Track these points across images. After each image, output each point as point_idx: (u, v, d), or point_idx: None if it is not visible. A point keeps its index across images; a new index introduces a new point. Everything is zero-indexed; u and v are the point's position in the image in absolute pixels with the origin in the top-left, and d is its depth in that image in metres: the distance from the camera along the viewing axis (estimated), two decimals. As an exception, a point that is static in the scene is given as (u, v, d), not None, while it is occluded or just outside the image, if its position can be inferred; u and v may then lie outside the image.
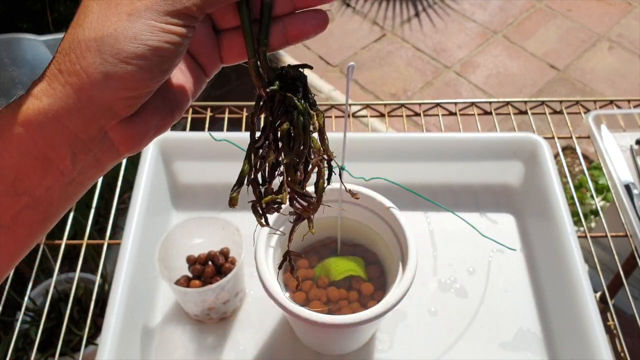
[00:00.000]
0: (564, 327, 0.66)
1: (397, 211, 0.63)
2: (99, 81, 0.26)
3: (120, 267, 0.65)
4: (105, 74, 0.26)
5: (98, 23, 0.27)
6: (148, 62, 0.26)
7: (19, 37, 0.77)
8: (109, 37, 0.26)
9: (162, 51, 0.27)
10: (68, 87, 0.26)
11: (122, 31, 0.26)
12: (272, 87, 0.32)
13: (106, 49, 0.26)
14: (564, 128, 0.90)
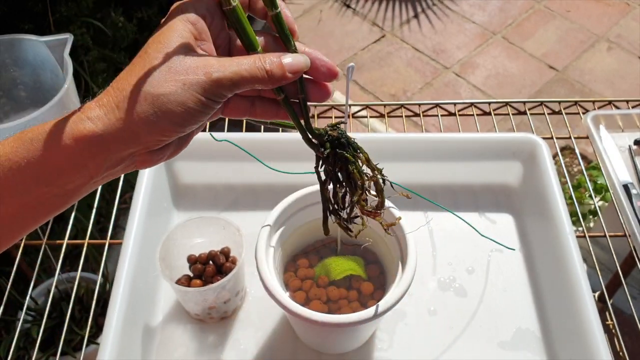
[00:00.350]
0: (563, 326, 0.66)
1: (397, 211, 0.63)
2: (146, 126, 0.34)
3: (121, 267, 0.65)
4: (153, 123, 0.34)
5: (158, 82, 0.34)
6: (185, 121, 0.35)
7: (20, 37, 0.78)
8: (163, 96, 0.34)
9: (198, 115, 0.35)
10: (121, 122, 0.34)
11: (174, 96, 0.34)
12: (326, 149, 0.43)
13: (158, 105, 0.34)
14: (563, 128, 0.90)
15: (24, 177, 0.33)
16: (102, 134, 0.33)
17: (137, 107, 0.33)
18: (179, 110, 0.34)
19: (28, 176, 0.33)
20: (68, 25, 1.25)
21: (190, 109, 0.34)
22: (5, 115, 0.83)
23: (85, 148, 0.33)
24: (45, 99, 0.77)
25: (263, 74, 0.36)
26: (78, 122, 0.33)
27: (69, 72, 0.74)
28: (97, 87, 1.32)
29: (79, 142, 0.33)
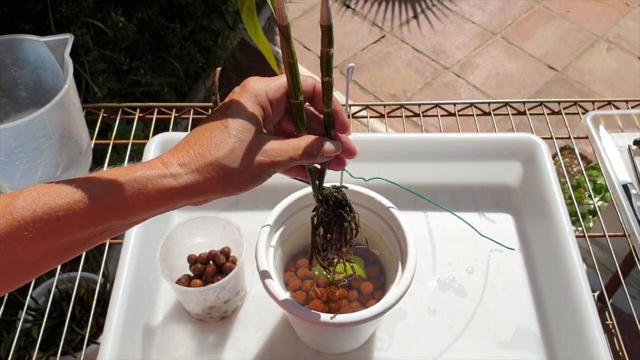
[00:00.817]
0: (563, 326, 0.66)
1: (397, 211, 0.63)
2: (216, 190, 0.42)
3: (122, 267, 0.65)
4: (222, 188, 0.42)
5: (235, 158, 0.42)
6: (246, 188, 0.44)
7: (20, 37, 0.78)
8: (237, 171, 0.42)
9: (256, 185, 0.44)
10: (197, 184, 0.41)
11: (245, 172, 0.43)
12: (328, 207, 0.54)
13: (231, 176, 0.42)
14: (562, 128, 0.90)
15: (108, 212, 0.40)
16: (179, 190, 0.41)
17: (214, 175, 0.42)
18: (245, 182, 0.43)
19: (111, 212, 0.40)
20: (68, 25, 1.25)
21: (253, 182, 0.44)
22: (6, 115, 0.83)
23: (163, 198, 0.41)
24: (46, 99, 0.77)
25: (309, 157, 0.46)
26: (162, 177, 0.41)
27: (69, 73, 0.74)
28: (98, 87, 1.32)
29: (160, 193, 0.41)
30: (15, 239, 0.37)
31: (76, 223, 0.39)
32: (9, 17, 1.17)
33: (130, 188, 0.40)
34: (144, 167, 0.41)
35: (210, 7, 1.82)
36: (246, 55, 2.04)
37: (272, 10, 0.43)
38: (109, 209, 0.39)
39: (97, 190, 0.39)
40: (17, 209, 0.37)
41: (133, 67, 1.54)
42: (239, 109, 0.44)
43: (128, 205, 0.40)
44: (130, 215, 0.41)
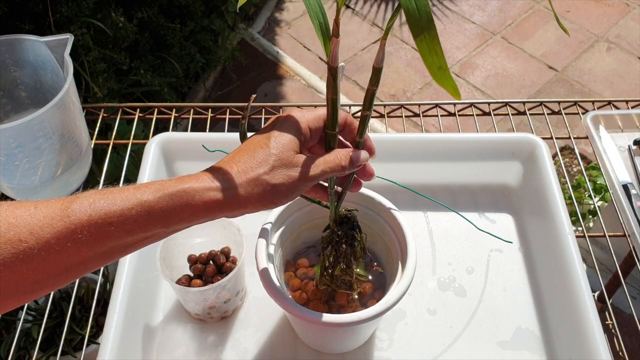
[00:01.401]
0: (563, 326, 0.66)
1: (397, 211, 0.63)
2: (256, 204, 0.46)
3: (122, 267, 0.65)
4: (261, 202, 0.46)
5: (275, 175, 0.46)
6: (283, 202, 0.47)
7: (20, 38, 0.78)
8: (276, 186, 0.46)
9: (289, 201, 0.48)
10: (239, 198, 0.45)
11: (284, 186, 0.46)
12: (341, 228, 0.58)
13: (270, 192, 0.46)
14: (562, 128, 0.91)
15: (156, 219, 0.43)
16: (222, 202, 0.44)
17: (255, 190, 0.45)
18: (282, 197, 0.47)
19: (159, 220, 0.43)
20: (68, 25, 1.25)
21: (289, 196, 0.47)
22: (6, 115, 0.83)
23: (206, 209, 0.44)
24: (46, 99, 0.77)
25: (340, 168, 0.50)
26: (208, 190, 0.44)
27: (69, 72, 0.74)
28: (98, 87, 1.32)
29: (205, 205, 0.44)
30: (70, 240, 0.40)
31: (126, 229, 0.42)
32: (9, 17, 1.17)
33: (179, 199, 0.43)
34: (191, 179, 0.44)
35: (210, 7, 1.82)
36: (246, 55, 2.04)
37: (325, 51, 0.47)
38: (158, 218, 0.43)
39: (148, 200, 0.42)
40: (74, 212, 0.40)
41: (133, 67, 1.54)
42: (281, 131, 0.48)
43: (175, 215, 0.43)
44: (175, 224, 0.44)
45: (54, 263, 0.40)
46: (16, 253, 0.38)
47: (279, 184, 0.46)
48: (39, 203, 0.41)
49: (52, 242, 0.39)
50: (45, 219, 0.40)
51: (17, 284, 0.39)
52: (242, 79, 2.02)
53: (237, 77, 2.00)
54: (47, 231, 0.39)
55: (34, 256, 0.39)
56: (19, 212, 0.39)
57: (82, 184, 0.83)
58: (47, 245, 0.39)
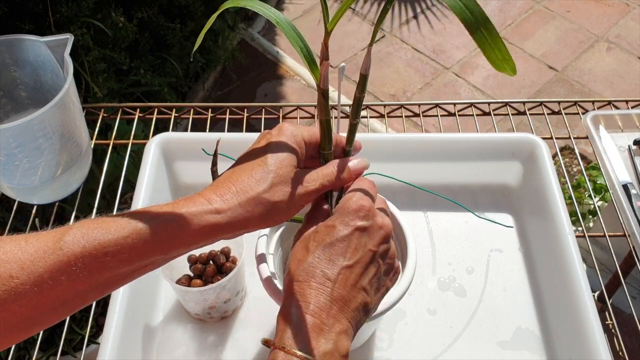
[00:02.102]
0: (563, 326, 0.66)
1: (397, 211, 0.63)
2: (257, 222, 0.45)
3: (122, 267, 0.65)
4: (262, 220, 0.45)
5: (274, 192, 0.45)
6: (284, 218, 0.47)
7: (21, 37, 0.78)
8: (276, 203, 0.45)
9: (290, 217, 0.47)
10: (240, 218, 0.44)
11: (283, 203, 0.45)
12: None
13: (270, 209, 0.45)
14: (562, 128, 0.90)
15: (153, 247, 0.41)
16: (223, 225, 0.43)
17: (256, 210, 0.44)
18: (283, 214, 0.46)
19: (156, 248, 0.41)
20: (68, 25, 1.25)
21: (289, 213, 0.46)
22: (6, 115, 0.83)
23: (206, 233, 0.43)
24: (46, 99, 0.77)
25: (338, 180, 0.49)
26: (206, 213, 0.43)
27: (69, 72, 0.74)
28: (98, 87, 1.32)
29: (204, 229, 0.43)
30: (64, 273, 0.38)
31: (123, 258, 0.40)
32: (9, 17, 1.17)
33: (176, 224, 0.42)
34: (187, 203, 0.43)
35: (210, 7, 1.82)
36: (246, 55, 2.04)
37: (313, 75, 0.47)
38: (155, 245, 0.41)
39: (144, 227, 0.41)
40: (66, 244, 0.39)
41: (133, 67, 1.54)
42: (278, 147, 0.47)
43: (172, 241, 0.42)
44: (173, 250, 0.43)
45: (47, 298, 0.38)
46: (7, 290, 0.37)
47: (279, 201, 0.45)
48: (30, 237, 0.39)
49: (45, 277, 0.38)
50: (37, 253, 0.38)
51: (8, 321, 0.38)
52: (242, 79, 2.02)
53: (237, 77, 2.00)
54: (40, 265, 0.38)
55: (26, 292, 0.37)
56: (8, 247, 0.38)
57: (82, 184, 0.83)
58: (39, 280, 0.38)
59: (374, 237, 0.47)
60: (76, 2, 1.24)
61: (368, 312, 0.47)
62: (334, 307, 0.43)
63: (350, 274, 0.45)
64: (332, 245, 0.45)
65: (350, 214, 0.47)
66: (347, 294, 0.44)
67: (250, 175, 0.45)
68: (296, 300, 0.43)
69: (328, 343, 0.41)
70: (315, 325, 0.42)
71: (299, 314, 0.42)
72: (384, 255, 0.48)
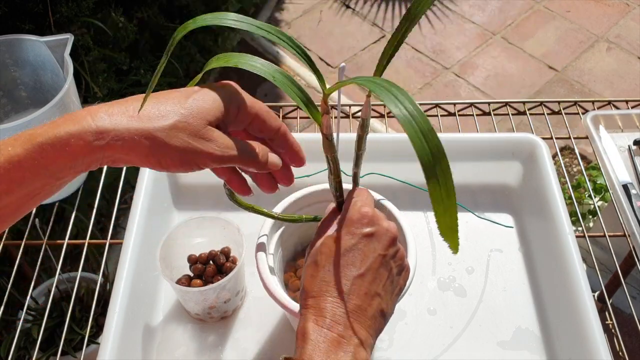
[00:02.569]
0: (563, 326, 0.66)
1: (396, 210, 0.63)
2: (138, 159, 0.41)
3: (122, 267, 0.65)
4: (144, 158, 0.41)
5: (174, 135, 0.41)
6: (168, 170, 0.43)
7: (21, 38, 0.78)
8: (168, 147, 0.41)
9: (180, 171, 0.43)
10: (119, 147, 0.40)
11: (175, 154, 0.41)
12: None
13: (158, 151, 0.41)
14: (562, 128, 0.91)
15: (33, 175, 0.38)
16: (101, 148, 0.39)
17: (143, 143, 0.40)
18: (172, 163, 0.42)
19: (36, 175, 0.38)
20: (68, 25, 1.25)
21: (181, 166, 0.42)
22: (6, 115, 0.83)
23: (84, 156, 0.39)
24: (46, 99, 0.77)
25: (251, 161, 0.45)
26: (85, 134, 0.39)
27: (69, 72, 0.74)
28: (98, 87, 1.32)
29: (82, 151, 0.39)
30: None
31: (2, 189, 0.38)
32: (9, 17, 1.17)
33: (51, 147, 0.38)
34: (69, 120, 0.39)
35: (210, 7, 1.82)
36: (246, 55, 2.04)
37: (317, 122, 0.48)
38: (34, 172, 0.38)
39: (18, 153, 0.38)
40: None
41: (133, 67, 1.54)
42: (207, 95, 0.43)
43: (52, 166, 0.39)
44: (56, 176, 0.40)
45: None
46: None
47: (173, 146, 0.40)
48: None
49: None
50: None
51: None
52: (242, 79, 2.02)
53: (237, 77, 2.00)
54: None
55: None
56: None
57: (82, 184, 0.83)
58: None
59: (381, 241, 0.47)
60: (76, 2, 1.24)
61: (385, 317, 0.47)
62: (351, 318, 0.43)
63: (363, 282, 0.45)
64: (342, 257, 0.45)
65: (354, 223, 0.47)
66: (362, 302, 0.44)
67: (157, 106, 0.41)
68: (313, 316, 0.43)
69: (347, 356, 0.41)
70: (334, 339, 0.42)
71: (317, 329, 0.42)
72: (393, 257, 0.48)
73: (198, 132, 0.41)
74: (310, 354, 0.41)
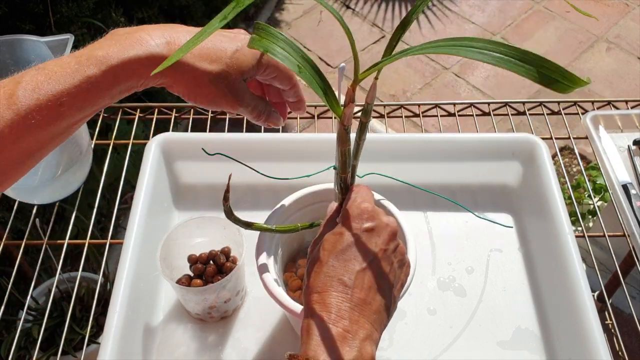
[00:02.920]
0: (562, 326, 0.66)
1: (396, 210, 0.63)
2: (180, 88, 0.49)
3: (122, 266, 0.65)
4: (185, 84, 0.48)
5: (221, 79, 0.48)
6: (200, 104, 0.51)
7: (21, 38, 0.78)
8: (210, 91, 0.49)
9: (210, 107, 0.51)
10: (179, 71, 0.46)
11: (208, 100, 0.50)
12: None
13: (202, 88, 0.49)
14: (562, 129, 0.91)
15: (104, 94, 0.42)
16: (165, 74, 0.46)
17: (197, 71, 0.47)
18: (206, 100, 0.49)
19: (106, 94, 0.43)
20: (69, 25, 1.25)
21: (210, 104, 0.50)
22: (6, 115, 0.83)
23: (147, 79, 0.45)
24: (46, 100, 0.77)
25: (257, 118, 0.54)
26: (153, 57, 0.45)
27: (69, 73, 0.74)
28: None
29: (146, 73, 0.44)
30: (23, 128, 0.39)
31: (77, 106, 0.41)
32: (10, 18, 1.17)
33: (124, 72, 0.43)
34: (135, 44, 0.43)
35: (210, 7, 1.82)
36: (246, 55, 2.04)
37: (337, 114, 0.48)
38: (106, 92, 0.42)
39: (94, 74, 0.41)
40: (20, 99, 0.39)
41: (133, 67, 1.54)
42: (249, 51, 0.49)
43: (120, 86, 0.43)
44: (120, 95, 0.44)
45: (12, 152, 0.40)
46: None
47: (214, 91, 0.48)
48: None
49: (6, 132, 0.39)
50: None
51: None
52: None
53: (237, 77, 2.00)
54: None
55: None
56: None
57: (82, 184, 0.83)
58: (1, 135, 0.39)
59: (382, 236, 0.47)
60: (76, 3, 1.24)
61: (389, 311, 0.47)
62: (355, 312, 0.43)
63: (365, 276, 0.45)
64: (344, 252, 0.45)
65: (355, 219, 0.47)
66: (366, 296, 0.44)
67: (213, 44, 0.47)
68: (317, 311, 0.43)
69: (352, 350, 0.41)
70: (339, 334, 0.42)
71: (322, 324, 0.42)
72: (394, 251, 0.48)
73: (234, 85, 0.48)
74: (315, 349, 0.41)
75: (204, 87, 0.47)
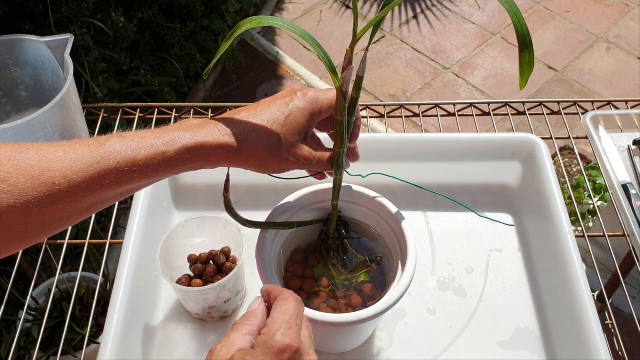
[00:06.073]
0: (562, 326, 0.66)
1: (397, 210, 0.63)
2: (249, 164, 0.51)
3: (122, 266, 0.65)
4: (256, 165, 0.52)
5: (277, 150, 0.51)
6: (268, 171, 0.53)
7: (21, 38, 0.78)
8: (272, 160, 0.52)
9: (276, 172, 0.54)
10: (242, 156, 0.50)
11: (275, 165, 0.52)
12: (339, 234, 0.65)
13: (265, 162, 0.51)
14: (562, 129, 0.91)
15: (171, 170, 0.46)
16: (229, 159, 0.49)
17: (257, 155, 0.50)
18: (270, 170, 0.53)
19: (174, 170, 0.47)
20: (69, 25, 1.25)
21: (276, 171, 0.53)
22: (7, 115, 0.83)
23: (214, 163, 0.49)
24: (46, 99, 0.77)
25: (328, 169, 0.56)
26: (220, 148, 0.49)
27: (69, 73, 0.75)
28: (98, 88, 1.32)
29: (215, 160, 0.48)
30: (98, 184, 0.43)
31: (147, 175, 0.45)
32: (10, 18, 1.17)
33: (194, 154, 0.47)
34: (204, 132, 0.47)
35: (210, 7, 1.82)
36: (246, 55, 2.04)
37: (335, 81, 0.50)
38: (173, 168, 0.46)
39: (170, 150, 0.46)
40: (103, 159, 0.43)
41: (133, 67, 1.54)
42: (302, 111, 0.52)
43: (187, 166, 0.47)
44: (184, 171, 0.48)
45: (80, 203, 0.43)
46: (50, 195, 0.41)
47: (276, 163, 0.51)
48: (66, 148, 0.43)
49: (83, 186, 0.42)
50: (76, 164, 0.42)
51: (45, 222, 0.42)
52: (242, 79, 2.02)
53: (237, 77, 2.00)
54: (79, 175, 0.42)
55: (64, 198, 0.42)
56: (49, 157, 0.42)
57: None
58: (77, 188, 0.42)
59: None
60: (76, 3, 1.24)
61: None
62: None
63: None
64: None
65: (275, 355, 0.41)
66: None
67: (264, 121, 0.50)
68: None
69: None
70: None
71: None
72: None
73: (292, 148, 0.51)
74: None
75: (268, 162, 0.51)
